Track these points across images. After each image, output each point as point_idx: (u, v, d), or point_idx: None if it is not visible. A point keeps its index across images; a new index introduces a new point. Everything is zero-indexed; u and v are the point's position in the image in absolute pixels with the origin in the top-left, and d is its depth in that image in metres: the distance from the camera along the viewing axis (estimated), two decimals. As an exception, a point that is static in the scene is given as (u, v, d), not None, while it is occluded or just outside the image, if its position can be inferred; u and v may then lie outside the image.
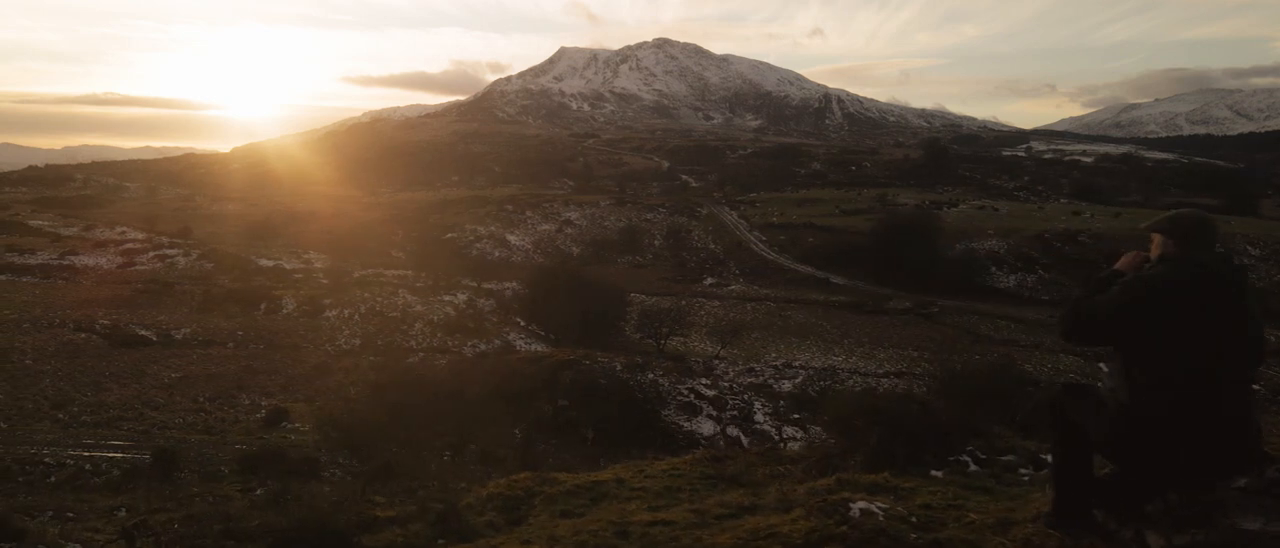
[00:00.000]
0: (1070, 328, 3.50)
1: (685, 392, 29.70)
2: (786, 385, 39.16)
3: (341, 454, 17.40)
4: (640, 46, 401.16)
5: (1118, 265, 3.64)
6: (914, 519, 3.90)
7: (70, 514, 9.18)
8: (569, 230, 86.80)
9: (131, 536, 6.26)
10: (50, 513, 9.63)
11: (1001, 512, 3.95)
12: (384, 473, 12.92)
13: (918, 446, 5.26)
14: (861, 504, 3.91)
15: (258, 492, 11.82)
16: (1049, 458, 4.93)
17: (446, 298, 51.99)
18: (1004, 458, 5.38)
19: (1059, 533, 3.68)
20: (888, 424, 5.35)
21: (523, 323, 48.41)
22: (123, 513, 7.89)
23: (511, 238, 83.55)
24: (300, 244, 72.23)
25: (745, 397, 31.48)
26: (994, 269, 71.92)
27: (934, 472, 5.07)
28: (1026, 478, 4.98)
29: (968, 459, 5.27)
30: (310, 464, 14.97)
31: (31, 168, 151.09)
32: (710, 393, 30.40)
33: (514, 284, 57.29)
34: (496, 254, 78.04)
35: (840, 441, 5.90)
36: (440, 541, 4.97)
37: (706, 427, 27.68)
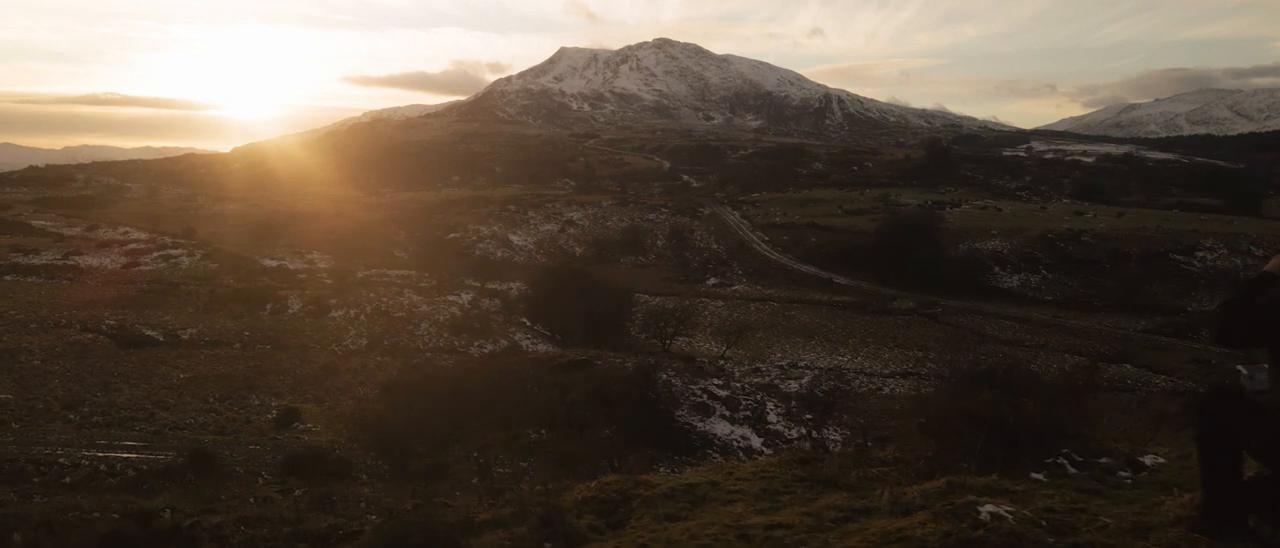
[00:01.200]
0: (1227, 331, 3.42)
1: (698, 392, 29.48)
2: (793, 386, 39.06)
3: (370, 456, 17.32)
4: (640, 47, 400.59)
5: (1268, 268, 3.57)
6: (1044, 523, 3.79)
7: (114, 515, 9.09)
8: (572, 230, 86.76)
9: (220, 537, 6.19)
10: (97, 515, 9.55)
11: (1131, 516, 3.87)
12: (430, 474, 12.82)
13: (1015, 448, 5.21)
14: (989, 507, 3.85)
15: (297, 494, 11.72)
16: (1174, 461, 4.89)
17: (451, 298, 51.91)
18: (1100, 461, 5.30)
19: (1209, 538, 3.60)
20: (988, 426, 5.31)
21: (528, 323, 48.35)
22: (168, 515, 7.81)
23: (514, 238, 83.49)
24: (303, 244, 72.10)
25: (757, 397, 31.33)
26: (997, 269, 71.92)
27: (1034, 474, 5.01)
28: (1128, 481, 4.92)
29: (1065, 462, 5.21)
30: (344, 466, 14.88)
31: (32, 168, 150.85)
32: (722, 393, 30.21)
33: (518, 284, 57.27)
34: (500, 254, 77.97)
35: (929, 442, 5.86)
36: (547, 544, 4.88)
37: (721, 427, 27.46)
